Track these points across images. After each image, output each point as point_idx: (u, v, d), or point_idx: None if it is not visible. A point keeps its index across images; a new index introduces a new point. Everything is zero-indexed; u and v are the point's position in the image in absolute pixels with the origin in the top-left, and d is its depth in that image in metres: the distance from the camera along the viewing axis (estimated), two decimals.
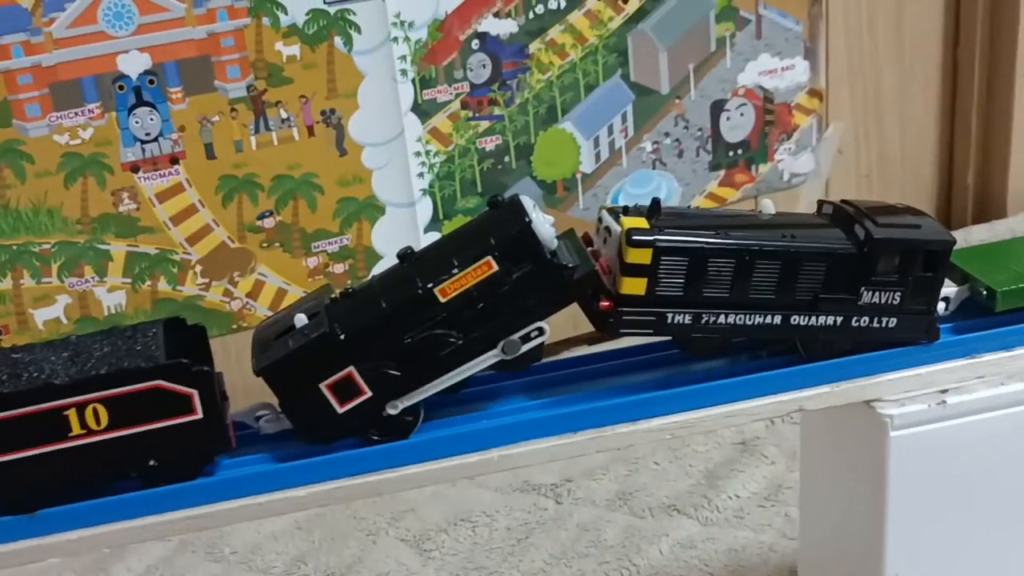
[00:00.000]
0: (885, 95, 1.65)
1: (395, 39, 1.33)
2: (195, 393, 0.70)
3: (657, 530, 1.16)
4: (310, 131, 1.33)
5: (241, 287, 1.35)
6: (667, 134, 1.50)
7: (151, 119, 1.25)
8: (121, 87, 1.23)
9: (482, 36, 1.37)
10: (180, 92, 1.26)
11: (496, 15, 1.37)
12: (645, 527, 1.17)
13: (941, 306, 0.79)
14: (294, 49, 1.29)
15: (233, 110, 1.28)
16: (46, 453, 0.69)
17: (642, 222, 0.70)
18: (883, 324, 0.75)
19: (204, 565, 1.20)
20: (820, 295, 0.73)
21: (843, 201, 0.79)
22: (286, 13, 1.27)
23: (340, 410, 0.70)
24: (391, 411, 0.71)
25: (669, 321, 0.72)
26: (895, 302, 0.74)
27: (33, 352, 0.74)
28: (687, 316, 0.72)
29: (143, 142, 1.26)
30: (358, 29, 1.31)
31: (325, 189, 1.35)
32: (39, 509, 0.72)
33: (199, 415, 0.70)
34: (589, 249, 0.74)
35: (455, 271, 0.67)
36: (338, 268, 1.39)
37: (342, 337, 0.68)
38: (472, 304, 0.68)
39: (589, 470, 1.27)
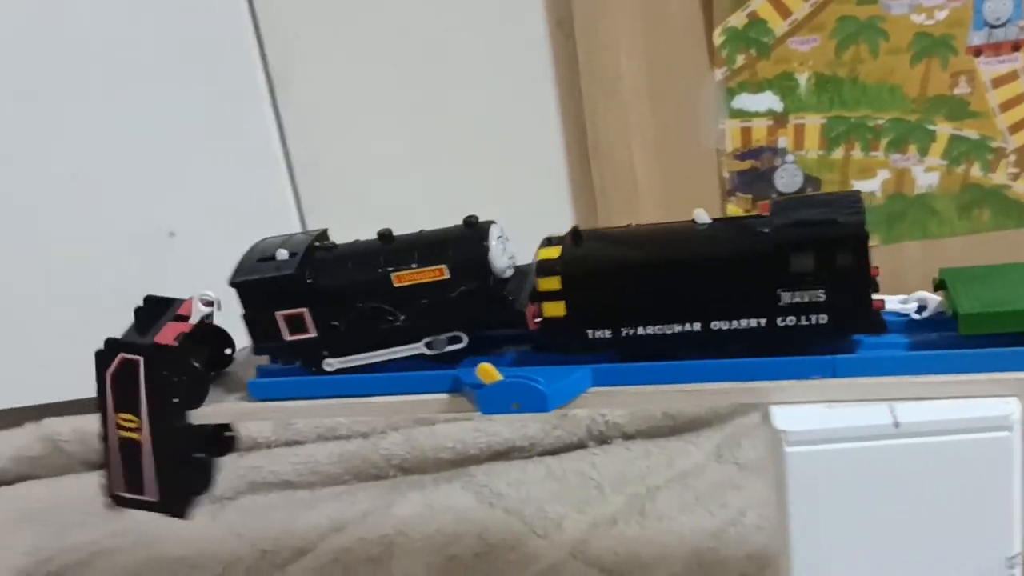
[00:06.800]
0: None
1: None
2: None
3: None
4: None
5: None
6: None
7: (1004, 3, 1.27)
8: None
9: None
10: None
11: None
12: None
13: (913, 307, 0.75)
14: None
15: None
16: None
17: (555, 251, 0.75)
18: (813, 321, 0.71)
19: None
20: (738, 299, 0.72)
21: (786, 196, 0.77)
22: None
23: (287, 339, 0.80)
24: (326, 368, 0.81)
25: (590, 338, 0.75)
26: (820, 299, 0.71)
27: None
28: (607, 332, 0.75)
29: (992, 27, 1.28)
30: None
31: None
32: None
33: None
34: None
35: (413, 265, 0.77)
36: None
37: (309, 282, 0.79)
38: (418, 297, 0.78)
39: None
